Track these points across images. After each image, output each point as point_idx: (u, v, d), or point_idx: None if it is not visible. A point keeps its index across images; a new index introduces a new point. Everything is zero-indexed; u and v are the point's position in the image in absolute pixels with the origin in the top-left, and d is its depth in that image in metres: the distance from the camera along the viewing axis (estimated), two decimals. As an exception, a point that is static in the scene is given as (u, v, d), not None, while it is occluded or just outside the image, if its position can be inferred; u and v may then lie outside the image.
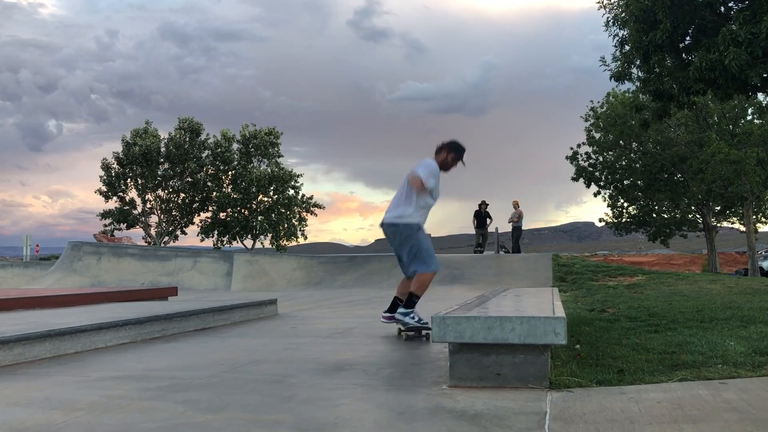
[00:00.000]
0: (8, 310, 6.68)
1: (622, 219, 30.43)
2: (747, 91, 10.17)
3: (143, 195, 35.40)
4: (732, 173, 23.01)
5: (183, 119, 35.70)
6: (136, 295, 9.14)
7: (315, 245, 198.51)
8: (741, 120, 26.36)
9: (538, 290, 6.54)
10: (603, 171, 29.05)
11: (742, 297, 8.31)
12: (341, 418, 2.60)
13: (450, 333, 3.06)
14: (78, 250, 19.19)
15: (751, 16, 8.48)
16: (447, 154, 5.12)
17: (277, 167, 35.87)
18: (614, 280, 12.85)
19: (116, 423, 2.57)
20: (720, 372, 3.26)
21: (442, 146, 5.16)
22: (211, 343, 5.14)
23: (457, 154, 5.13)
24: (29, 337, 4.20)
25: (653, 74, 10.26)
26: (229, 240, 36.06)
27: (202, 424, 2.54)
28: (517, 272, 14.73)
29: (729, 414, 2.47)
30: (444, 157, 5.12)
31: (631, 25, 9.67)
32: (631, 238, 51.62)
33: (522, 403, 2.73)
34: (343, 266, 16.83)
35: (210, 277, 17.49)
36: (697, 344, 4.22)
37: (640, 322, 5.85)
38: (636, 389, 2.99)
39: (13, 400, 3.04)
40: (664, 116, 11.45)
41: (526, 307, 3.72)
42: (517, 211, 20.01)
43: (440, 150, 5.15)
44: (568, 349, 4.16)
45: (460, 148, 5.15)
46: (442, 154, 5.13)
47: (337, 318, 7.17)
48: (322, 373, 3.61)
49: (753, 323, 5.32)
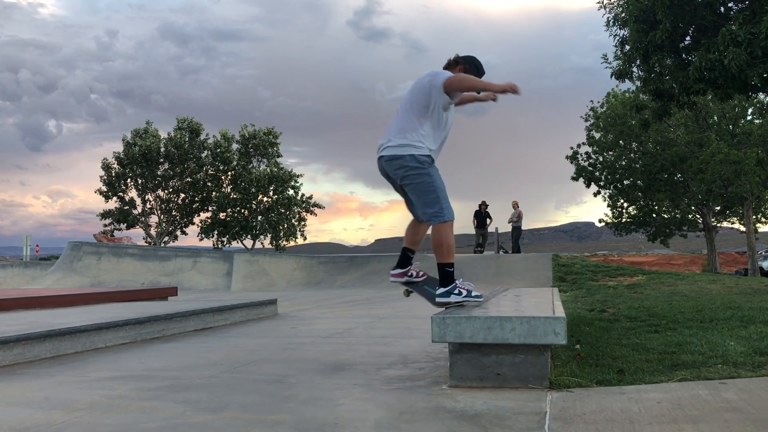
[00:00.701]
0: (8, 310, 6.68)
1: (622, 219, 30.43)
2: (747, 91, 10.18)
3: (143, 195, 35.39)
4: (732, 173, 23.00)
5: (182, 119, 35.70)
6: (136, 295, 9.14)
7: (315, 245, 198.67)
8: (741, 120, 26.35)
9: (538, 290, 6.54)
10: (603, 171, 29.04)
11: (742, 297, 8.31)
12: (341, 418, 2.60)
13: (450, 333, 3.06)
14: (78, 250, 19.19)
15: (751, 16, 8.48)
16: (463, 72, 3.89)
17: (276, 167, 35.87)
18: (614, 280, 12.85)
19: (116, 423, 2.57)
20: (720, 372, 3.26)
21: (456, 60, 3.96)
22: (211, 343, 5.14)
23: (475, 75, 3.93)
24: (29, 337, 4.20)
25: (653, 74, 10.27)
26: (229, 240, 36.06)
27: (202, 424, 2.54)
28: (517, 272, 14.73)
29: (729, 414, 2.47)
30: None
31: (631, 25, 9.67)
32: (631, 238, 51.63)
33: (522, 403, 2.73)
34: (343, 266, 16.83)
35: (210, 277, 17.49)
36: (697, 344, 4.22)
37: (640, 322, 5.85)
38: (636, 389, 2.99)
39: (13, 400, 3.04)
40: (664, 116, 11.45)
41: (526, 307, 3.72)
42: (516, 211, 20.01)
43: (455, 64, 3.94)
44: (568, 349, 4.16)
45: (480, 69, 3.98)
46: (456, 70, 3.90)
47: (337, 318, 7.17)
48: (322, 373, 3.61)
49: (753, 323, 5.31)
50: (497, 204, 26.06)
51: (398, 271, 4.12)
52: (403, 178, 3.76)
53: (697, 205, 28.10)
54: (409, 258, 4.12)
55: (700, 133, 25.66)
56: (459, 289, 3.73)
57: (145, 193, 35.39)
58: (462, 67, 3.88)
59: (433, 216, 3.68)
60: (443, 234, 3.70)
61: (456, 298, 3.70)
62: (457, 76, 3.73)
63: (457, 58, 3.96)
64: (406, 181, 3.76)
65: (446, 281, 3.74)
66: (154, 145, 34.29)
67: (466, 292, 3.73)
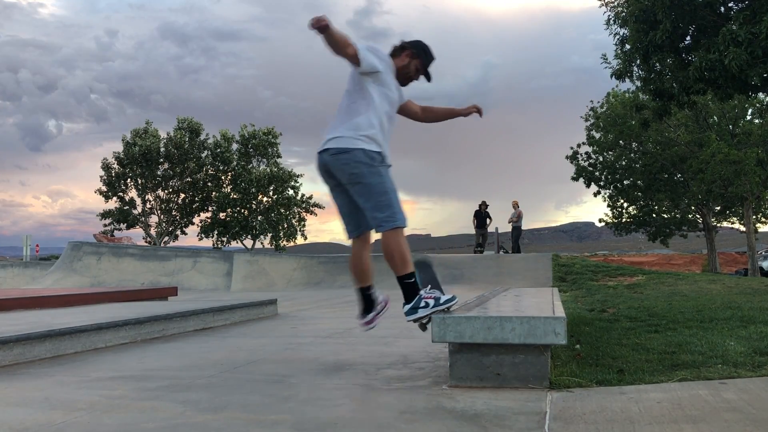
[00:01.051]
0: (8, 310, 6.68)
1: (622, 219, 30.45)
2: (747, 91, 10.19)
3: (143, 195, 35.42)
4: (732, 173, 23.01)
5: (182, 119, 35.72)
6: (136, 295, 9.14)
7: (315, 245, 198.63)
8: (741, 120, 26.36)
9: (538, 290, 6.54)
10: (603, 171, 29.06)
11: (742, 297, 8.31)
12: (341, 418, 2.60)
13: (450, 333, 3.06)
14: (78, 250, 19.19)
15: (751, 16, 8.48)
16: (410, 59, 3.57)
17: (276, 167, 35.88)
18: (614, 280, 12.86)
19: (116, 423, 2.57)
20: (720, 372, 3.26)
21: (402, 45, 3.60)
22: (211, 343, 5.14)
23: (424, 61, 3.60)
24: (29, 337, 4.20)
25: (653, 74, 10.28)
26: (229, 240, 36.07)
27: (202, 424, 2.54)
28: (517, 272, 14.73)
29: (729, 414, 2.47)
30: (405, 63, 3.56)
31: (631, 25, 9.68)
32: (631, 238, 51.65)
33: (522, 403, 2.73)
34: (343, 266, 16.82)
35: (210, 277, 17.49)
36: (697, 344, 4.22)
37: (640, 322, 5.85)
38: (636, 389, 2.99)
39: (13, 400, 3.04)
40: (664, 115, 11.47)
41: (526, 307, 3.72)
42: (516, 211, 20.02)
43: (400, 51, 3.58)
44: (568, 349, 4.16)
45: (429, 54, 3.62)
46: (402, 57, 3.57)
47: (337, 318, 7.17)
48: (322, 373, 3.61)
49: (753, 323, 5.31)
50: (497, 204, 26.06)
51: (368, 317, 3.70)
52: (350, 176, 3.31)
53: (697, 205, 28.12)
54: (370, 297, 3.72)
55: (700, 133, 25.67)
56: (425, 300, 3.29)
57: (145, 193, 35.42)
58: (409, 53, 3.55)
59: (384, 221, 3.27)
60: (394, 242, 3.29)
61: (423, 311, 3.27)
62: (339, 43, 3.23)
63: (402, 43, 3.61)
64: (354, 179, 3.30)
65: (410, 295, 3.32)
66: (154, 145, 34.31)
67: (434, 301, 3.28)
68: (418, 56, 3.55)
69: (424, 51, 3.59)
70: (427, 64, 3.59)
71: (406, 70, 3.54)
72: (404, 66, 3.53)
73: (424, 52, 3.58)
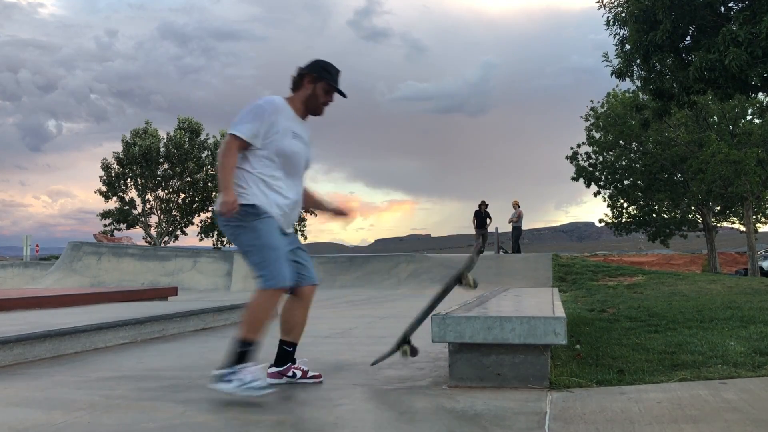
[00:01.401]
0: (8, 310, 6.68)
1: (622, 219, 30.44)
2: (747, 91, 10.18)
3: (143, 195, 35.40)
4: (732, 173, 23.00)
5: (183, 119, 35.72)
6: (136, 295, 9.14)
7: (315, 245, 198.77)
8: (741, 120, 26.35)
9: (538, 290, 6.54)
10: (603, 171, 29.04)
11: (742, 297, 8.31)
12: (341, 418, 2.60)
13: (450, 333, 3.06)
14: (78, 250, 19.19)
15: (751, 16, 8.48)
16: (313, 84, 3.24)
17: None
18: (614, 280, 12.86)
19: (116, 423, 2.57)
20: (720, 372, 3.26)
21: (300, 74, 3.26)
22: (211, 343, 5.14)
23: (329, 80, 3.26)
24: (29, 337, 4.20)
25: (653, 74, 10.27)
26: (229, 240, 36.06)
27: (202, 424, 2.54)
28: (517, 272, 14.73)
29: (729, 414, 2.47)
30: (309, 92, 3.24)
31: (631, 25, 9.68)
32: (631, 238, 51.64)
33: (522, 403, 2.73)
34: (343, 266, 16.83)
35: (210, 277, 17.49)
36: (697, 344, 4.22)
37: (640, 322, 5.85)
38: (636, 389, 2.99)
39: (13, 400, 3.04)
40: (664, 115, 11.46)
41: (526, 307, 3.72)
42: (517, 211, 20.02)
43: (299, 81, 3.26)
44: (568, 349, 4.16)
45: (330, 69, 3.28)
46: (304, 87, 3.25)
47: (337, 318, 7.17)
48: (322, 373, 3.61)
49: (753, 323, 5.31)
50: (497, 204, 26.07)
51: (274, 370, 3.30)
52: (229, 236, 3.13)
53: (697, 205, 28.11)
54: (287, 353, 3.32)
55: (700, 133, 25.66)
56: (243, 374, 2.90)
57: (145, 193, 35.39)
58: (310, 78, 3.24)
59: (257, 279, 3.03)
60: (259, 302, 3.00)
61: (226, 386, 2.90)
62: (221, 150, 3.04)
63: (300, 71, 3.27)
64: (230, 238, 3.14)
65: (231, 361, 2.94)
66: (153, 145, 34.29)
67: (251, 379, 2.90)
68: (319, 78, 3.24)
69: (324, 69, 3.28)
70: (332, 81, 3.27)
71: (314, 98, 3.25)
72: (310, 96, 3.25)
73: (324, 71, 3.27)
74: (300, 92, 3.25)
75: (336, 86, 3.28)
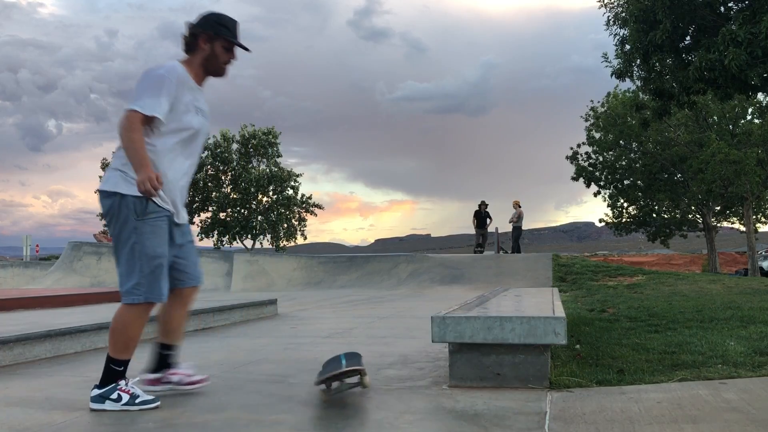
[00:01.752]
0: (8, 310, 6.68)
1: (622, 219, 30.46)
2: (747, 91, 10.19)
3: (143, 195, 35.41)
4: (732, 173, 23.01)
5: (183, 119, 35.73)
6: (136, 295, 9.13)
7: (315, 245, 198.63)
8: (741, 120, 26.37)
9: (538, 290, 6.54)
10: (603, 171, 29.07)
11: (742, 297, 8.31)
12: (341, 417, 2.60)
13: (450, 333, 3.06)
14: (78, 250, 19.19)
15: (751, 16, 8.48)
16: (209, 43, 2.91)
17: (276, 167, 35.89)
18: (614, 280, 12.85)
19: (116, 423, 2.57)
20: (720, 372, 3.26)
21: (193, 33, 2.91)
22: (211, 343, 5.14)
23: (228, 36, 2.93)
24: (29, 337, 4.20)
25: (653, 73, 10.28)
26: (229, 240, 36.06)
27: (202, 424, 2.54)
28: (517, 272, 14.73)
29: (729, 414, 2.47)
30: (207, 53, 2.91)
31: (631, 25, 9.68)
32: (631, 238, 51.67)
33: (522, 403, 2.73)
34: (343, 266, 16.83)
35: (210, 277, 17.48)
36: (697, 344, 4.22)
37: (640, 322, 5.85)
38: (636, 389, 2.99)
39: (13, 400, 3.04)
40: (664, 115, 11.47)
41: (526, 307, 3.72)
42: (517, 212, 20.02)
43: (193, 41, 2.91)
44: (568, 349, 4.16)
45: (226, 23, 2.95)
46: (200, 48, 2.91)
47: (337, 318, 7.17)
48: (322, 373, 3.61)
49: (753, 323, 5.31)
50: (497, 204, 26.08)
51: (152, 377, 3.04)
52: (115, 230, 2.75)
53: (697, 205, 28.12)
54: (164, 357, 3.04)
55: (700, 133, 25.68)
56: (119, 392, 2.75)
57: (144, 193, 35.41)
58: (205, 37, 2.89)
59: (125, 293, 2.75)
60: (125, 319, 2.76)
61: (112, 405, 2.73)
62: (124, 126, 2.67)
63: (192, 30, 2.90)
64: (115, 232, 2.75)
65: (105, 380, 2.77)
66: (153, 145, 34.32)
67: (129, 397, 2.75)
68: (216, 34, 2.90)
69: (219, 24, 2.91)
70: (231, 37, 2.93)
71: (213, 58, 2.92)
72: (208, 56, 2.92)
73: (220, 25, 2.91)
74: (196, 54, 2.91)
75: (236, 41, 2.94)
